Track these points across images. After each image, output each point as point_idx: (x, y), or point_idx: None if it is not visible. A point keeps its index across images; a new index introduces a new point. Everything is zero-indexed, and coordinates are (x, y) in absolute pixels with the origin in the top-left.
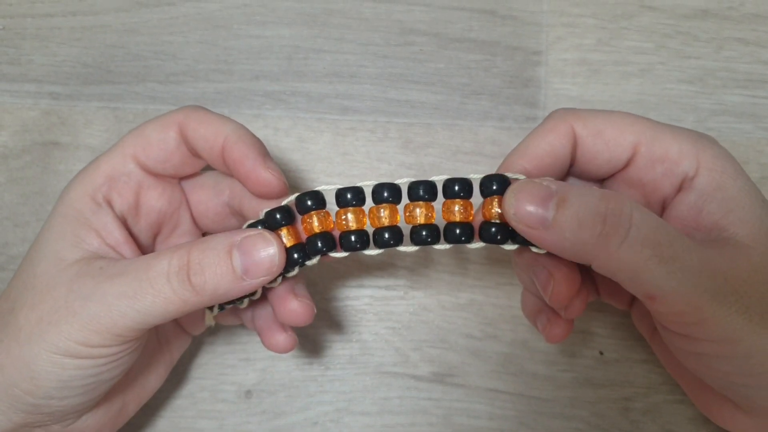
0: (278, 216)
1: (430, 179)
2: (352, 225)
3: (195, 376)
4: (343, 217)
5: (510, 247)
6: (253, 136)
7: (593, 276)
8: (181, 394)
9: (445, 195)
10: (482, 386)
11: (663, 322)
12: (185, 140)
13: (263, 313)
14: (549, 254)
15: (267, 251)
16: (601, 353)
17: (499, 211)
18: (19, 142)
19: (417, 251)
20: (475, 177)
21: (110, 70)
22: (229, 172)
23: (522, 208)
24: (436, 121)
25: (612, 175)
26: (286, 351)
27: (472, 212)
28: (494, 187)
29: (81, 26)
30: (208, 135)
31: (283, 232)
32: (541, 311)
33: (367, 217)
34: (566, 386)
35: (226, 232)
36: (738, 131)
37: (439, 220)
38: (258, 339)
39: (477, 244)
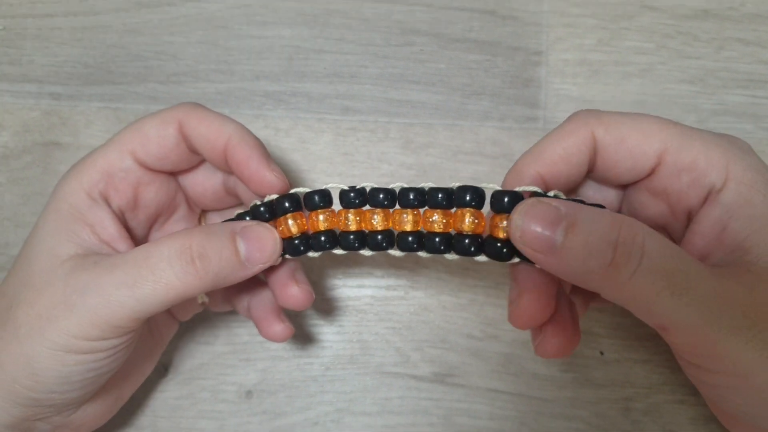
0: (287, 204)
1: (448, 186)
2: (355, 226)
3: (195, 377)
4: (346, 216)
5: (512, 261)
6: (254, 136)
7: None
8: (182, 395)
9: (457, 204)
10: (483, 386)
11: (676, 351)
12: (185, 138)
13: (260, 303)
14: (535, 269)
15: (269, 240)
16: (602, 353)
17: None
18: (20, 142)
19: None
20: (488, 186)
21: (111, 71)
22: (229, 171)
23: (529, 230)
24: (436, 122)
25: (634, 183)
26: (282, 340)
27: (483, 224)
28: (505, 202)
29: (82, 26)
30: (210, 134)
31: (290, 220)
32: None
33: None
34: (567, 386)
35: (225, 221)
36: (739, 131)
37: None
38: (259, 339)
39: (481, 258)
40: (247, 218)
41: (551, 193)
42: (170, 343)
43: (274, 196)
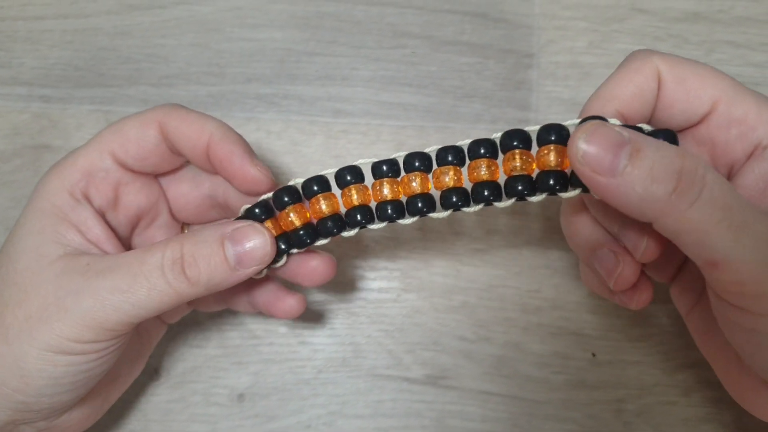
0: (282, 200)
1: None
2: (356, 202)
3: (187, 380)
4: (348, 195)
5: (569, 194)
6: (236, 133)
7: None
8: (174, 398)
9: (471, 156)
10: (475, 388)
11: (720, 292)
12: (166, 138)
13: (263, 290)
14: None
15: (258, 241)
16: (594, 355)
17: (553, 159)
18: (10, 145)
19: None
20: (496, 136)
21: (102, 73)
22: (213, 170)
23: (592, 151)
24: (428, 124)
25: (681, 130)
26: (300, 312)
27: (498, 170)
28: (552, 138)
29: (72, 29)
30: (191, 133)
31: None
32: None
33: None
34: (559, 388)
35: (215, 224)
36: None
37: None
38: (251, 342)
39: (538, 197)
40: (257, 210)
41: (612, 121)
42: (162, 346)
43: (267, 196)
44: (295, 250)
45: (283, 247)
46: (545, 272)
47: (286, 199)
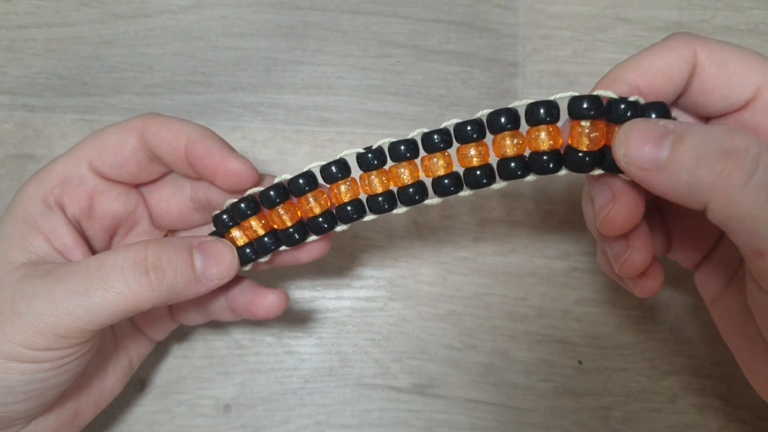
0: (271, 195)
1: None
2: (345, 197)
3: (172, 391)
4: (343, 187)
5: (598, 172)
6: (216, 134)
7: (668, 227)
8: (159, 409)
9: (495, 129)
10: (462, 397)
11: (764, 282)
12: (146, 145)
13: (239, 291)
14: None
15: (228, 256)
16: (580, 362)
17: (545, 140)
18: None
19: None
20: (519, 104)
21: (86, 82)
22: (195, 175)
23: (634, 148)
24: (414, 133)
25: (722, 116)
26: (281, 308)
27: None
28: (584, 108)
29: (56, 38)
30: (170, 137)
31: (254, 221)
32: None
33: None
34: (546, 396)
35: (182, 236)
36: None
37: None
38: (237, 353)
39: (562, 172)
40: (225, 216)
41: (633, 98)
42: (146, 357)
43: (253, 191)
44: (284, 247)
45: (268, 241)
46: (531, 280)
47: (273, 195)
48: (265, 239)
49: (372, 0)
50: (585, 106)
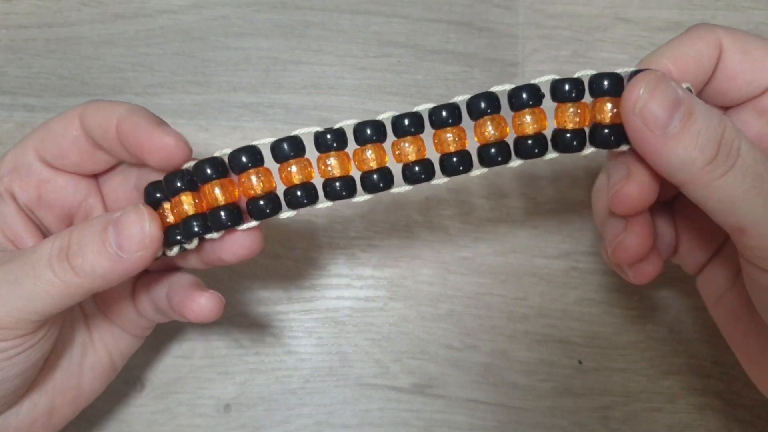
0: (205, 173)
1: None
2: (296, 179)
3: (172, 391)
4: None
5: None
6: (147, 110)
7: (676, 227)
8: (159, 409)
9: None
10: (462, 397)
11: (750, 257)
12: (85, 131)
13: (177, 287)
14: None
15: (139, 225)
16: (580, 362)
17: (609, 113)
18: None
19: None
20: (542, 80)
21: (86, 82)
22: (131, 157)
23: (652, 105)
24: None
25: (742, 102)
26: (213, 313)
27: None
28: (605, 86)
29: (56, 38)
30: (101, 119)
31: (186, 197)
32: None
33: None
34: (546, 396)
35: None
36: None
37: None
38: (237, 353)
39: (551, 155)
40: (157, 192)
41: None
42: (145, 356)
43: (189, 164)
44: (215, 234)
45: (197, 229)
46: (531, 280)
47: (209, 171)
48: (193, 221)
49: (372, 0)
50: (606, 84)
